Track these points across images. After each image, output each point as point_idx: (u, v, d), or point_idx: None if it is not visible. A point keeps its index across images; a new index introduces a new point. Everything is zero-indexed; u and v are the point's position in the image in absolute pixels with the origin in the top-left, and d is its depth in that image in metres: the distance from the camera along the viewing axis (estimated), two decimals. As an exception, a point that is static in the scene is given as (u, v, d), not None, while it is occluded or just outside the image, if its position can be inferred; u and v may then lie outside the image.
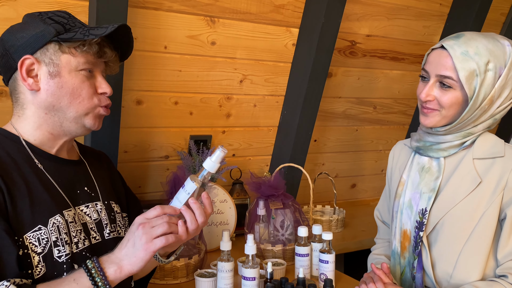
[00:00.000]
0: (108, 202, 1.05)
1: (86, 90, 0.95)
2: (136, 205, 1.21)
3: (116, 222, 1.05)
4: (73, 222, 0.93)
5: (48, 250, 0.87)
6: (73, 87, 0.94)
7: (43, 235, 0.87)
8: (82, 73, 0.95)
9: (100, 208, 1.02)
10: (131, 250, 0.84)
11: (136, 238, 0.84)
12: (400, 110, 2.25)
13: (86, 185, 1.02)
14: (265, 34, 1.71)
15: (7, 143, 0.93)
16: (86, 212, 0.99)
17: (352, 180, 2.32)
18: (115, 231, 1.03)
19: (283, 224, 1.52)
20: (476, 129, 1.10)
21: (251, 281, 1.11)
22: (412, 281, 1.17)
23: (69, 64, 0.93)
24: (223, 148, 0.91)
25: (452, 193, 1.10)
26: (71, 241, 0.91)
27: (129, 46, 1.04)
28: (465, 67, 1.03)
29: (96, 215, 1.00)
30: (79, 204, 0.98)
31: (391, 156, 1.32)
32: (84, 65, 0.94)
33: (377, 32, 1.95)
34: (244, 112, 1.82)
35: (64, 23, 0.95)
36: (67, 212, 0.93)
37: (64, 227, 0.90)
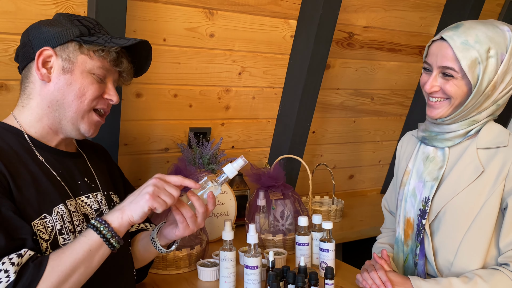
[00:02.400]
0: (107, 193, 1.08)
1: (92, 91, 0.97)
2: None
3: None
4: (75, 212, 0.95)
5: (54, 238, 0.89)
6: (81, 86, 0.96)
7: (48, 223, 0.89)
8: (94, 76, 0.97)
9: (100, 199, 1.04)
10: (136, 194, 0.88)
11: (147, 186, 0.88)
12: (397, 101, 2.27)
13: (86, 176, 1.04)
14: (264, 26, 1.71)
15: (8, 136, 0.95)
16: (87, 202, 1.01)
17: (350, 171, 2.34)
18: None
19: (283, 214, 1.53)
20: (480, 116, 1.11)
21: (253, 269, 1.12)
22: (414, 268, 1.18)
23: (84, 65, 0.96)
24: (245, 159, 0.98)
25: (455, 182, 1.11)
26: (74, 230, 0.93)
27: (146, 63, 1.08)
28: (467, 56, 1.04)
29: (96, 205, 1.02)
30: (80, 195, 1.00)
31: (399, 146, 1.33)
32: (98, 70, 0.98)
33: (374, 23, 1.96)
34: (243, 104, 1.83)
35: (90, 27, 0.99)
36: (69, 202, 0.95)
37: (68, 216, 0.93)
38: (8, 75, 1.35)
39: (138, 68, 1.08)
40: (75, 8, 1.37)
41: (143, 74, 1.10)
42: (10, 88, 1.37)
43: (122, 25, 1.37)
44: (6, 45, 1.31)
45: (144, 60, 1.08)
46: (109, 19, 1.34)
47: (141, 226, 1.19)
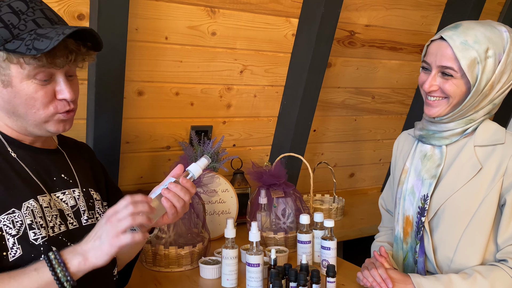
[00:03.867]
0: (87, 190, 1.03)
1: (40, 100, 0.88)
2: (117, 195, 1.15)
3: (94, 209, 1.03)
4: (48, 207, 0.92)
5: (23, 232, 0.86)
6: (26, 97, 0.88)
7: (17, 217, 0.86)
8: (35, 82, 0.87)
9: (78, 195, 1.00)
10: (98, 243, 0.82)
11: (103, 231, 0.82)
12: (398, 100, 2.27)
13: (63, 172, 1.00)
14: (265, 25, 1.71)
15: None
16: (62, 199, 0.97)
17: (351, 170, 2.34)
18: (94, 218, 1.02)
19: (284, 213, 1.54)
20: (477, 115, 1.12)
21: (255, 267, 1.13)
22: (414, 266, 1.19)
23: (20, 74, 0.86)
24: (208, 157, 0.95)
25: (453, 180, 1.12)
26: (46, 225, 0.90)
27: (97, 41, 0.92)
28: (466, 56, 1.05)
29: (73, 202, 0.98)
30: (55, 191, 0.96)
31: (396, 145, 1.34)
32: (37, 75, 0.87)
33: (375, 22, 1.96)
34: (244, 102, 1.83)
35: (13, 25, 0.85)
36: (42, 198, 0.92)
37: (39, 211, 0.89)
38: (11, 73, 1.35)
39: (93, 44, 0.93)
40: (77, 6, 1.38)
41: (100, 49, 0.95)
42: (12, 86, 1.37)
43: (125, 23, 1.37)
44: (8, 43, 1.31)
45: (90, 40, 0.92)
46: (111, 17, 1.34)
47: None
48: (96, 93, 1.42)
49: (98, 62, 1.38)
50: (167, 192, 0.89)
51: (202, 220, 1.39)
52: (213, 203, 1.60)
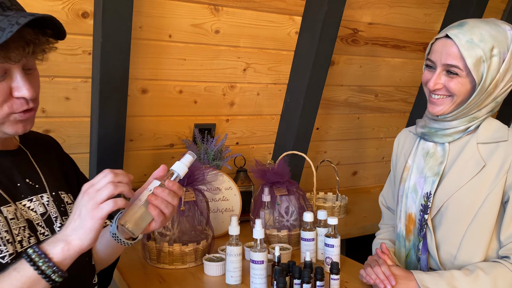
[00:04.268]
0: (56, 193, 0.93)
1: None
2: None
3: (67, 214, 0.93)
4: (14, 219, 0.82)
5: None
6: None
7: None
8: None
9: (47, 201, 0.90)
10: (78, 222, 0.74)
11: (82, 206, 0.74)
12: (401, 98, 2.27)
13: (28, 177, 0.89)
14: (268, 22, 1.72)
15: None
16: (30, 206, 0.87)
17: (354, 168, 2.35)
18: None
19: (287, 210, 1.54)
20: (480, 113, 1.12)
21: (260, 264, 1.13)
22: (417, 263, 1.19)
23: None
24: (193, 153, 0.87)
25: (456, 177, 1.12)
26: (13, 240, 0.80)
27: (60, 30, 0.82)
28: (472, 54, 1.05)
29: (42, 209, 0.88)
30: (21, 199, 0.86)
31: (396, 143, 1.34)
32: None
33: (379, 20, 1.96)
34: (247, 100, 1.84)
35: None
36: (6, 208, 0.82)
37: (4, 224, 0.79)
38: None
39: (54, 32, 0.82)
40: (81, 4, 1.38)
41: (63, 37, 0.84)
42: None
43: (129, 21, 1.38)
44: (13, 41, 1.32)
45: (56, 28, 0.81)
46: (116, 15, 1.35)
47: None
48: (100, 91, 1.43)
49: (102, 60, 1.38)
50: (154, 198, 0.81)
51: (206, 218, 1.40)
52: (217, 200, 1.60)
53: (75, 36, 1.40)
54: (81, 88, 1.49)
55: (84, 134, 1.57)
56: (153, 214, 0.81)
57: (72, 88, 1.47)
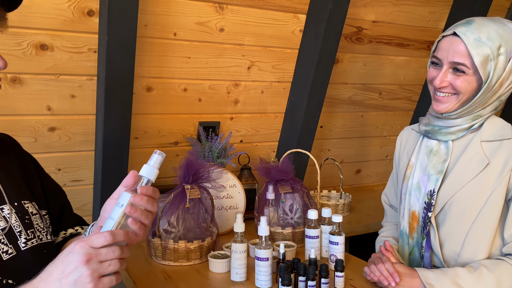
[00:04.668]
0: (18, 203, 0.82)
1: None
2: (58, 195, 0.98)
3: (33, 226, 0.83)
4: None
5: None
6: None
7: None
8: None
9: (9, 213, 0.79)
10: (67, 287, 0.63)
11: (80, 276, 0.63)
12: (405, 96, 2.27)
13: None
14: (273, 21, 1.72)
15: None
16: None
17: (357, 166, 2.35)
18: (35, 238, 0.82)
19: (292, 208, 1.55)
20: (485, 111, 1.13)
21: (265, 261, 1.14)
22: (420, 261, 1.20)
23: None
24: (161, 152, 0.78)
25: (460, 175, 1.13)
26: None
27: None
28: (480, 52, 1.05)
29: (3, 223, 0.78)
30: None
31: (399, 140, 1.34)
32: None
33: (383, 18, 1.96)
34: (251, 98, 1.84)
35: None
36: None
37: None
38: (21, 69, 1.37)
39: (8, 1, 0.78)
40: (87, 2, 1.39)
41: (17, 7, 0.80)
42: (23, 82, 1.39)
43: (134, 19, 1.39)
44: (19, 39, 1.33)
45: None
46: (121, 14, 1.35)
47: (69, 232, 0.96)
48: (106, 89, 1.44)
49: (108, 58, 1.39)
50: (134, 211, 0.72)
51: (211, 215, 1.40)
52: (221, 198, 1.61)
53: (81, 34, 1.41)
54: (87, 86, 1.50)
55: (89, 132, 1.58)
56: (134, 229, 0.72)
57: (77, 86, 1.48)
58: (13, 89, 1.38)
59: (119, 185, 0.77)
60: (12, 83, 1.37)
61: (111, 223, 0.72)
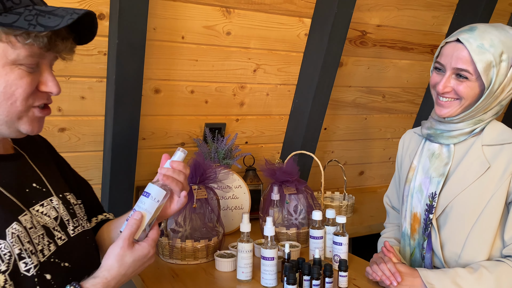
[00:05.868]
0: (62, 195, 0.91)
1: (23, 89, 0.75)
2: (87, 187, 1.08)
3: (76, 215, 0.92)
4: (32, 228, 0.79)
5: (13, 265, 0.74)
6: (6, 85, 0.74)
7: (4, 249, 0.73)
8: (21, 67, 0.74)
9: (57, 204, 0.88)
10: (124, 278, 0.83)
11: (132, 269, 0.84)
12: (408, 99, 2.30)
13: (34, 181, 0.86)
14: (279, 24, 1.75)
15: None
16: (43, 211, 0.84)
17: (360, 168, 2.37)
18: (79, 226, 0.91)
19: (296, 209, 1.57)
20: (486, 116, 1.15)
21: (270, 261, 1.17)
22: (421, 261, 1.22)
23: (4, 56, 0.73)
24: (183, 149, 0.92)
25: (461, 178, 1.15)
26: (36, 250, 0.78)
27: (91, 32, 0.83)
28: (483, 59, 1.08)
29: (55, 213, 0.86)
30: (33, 205, 0.83)
31: (401, 143, 1.37)
32: (26, 60, 0.74)
33: (387, 22, 1.98)
34: (257, 100, 1.87)
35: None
36: (23, 218, 0.78)
37: (25, 235, 0.77)
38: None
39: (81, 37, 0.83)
40: (98, 6, 1.42)
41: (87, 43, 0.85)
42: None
43: (144, 23, 1.42)
44: (32, 42, 1.36)
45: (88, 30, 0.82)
46: (131, 17, 1.38)
47: (100, 218, 1.08)
48: (115, 90, 1.47)
49: (118, 60, 1.42)
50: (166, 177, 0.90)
51: (217, 215, 1.43)
52: (227, 198, 1.64)
53: (92, 37, 1.44)
54: (96, 87, 1.53)
55: (98, 133, 1.61)
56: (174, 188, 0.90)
57: (87, 87, 1.52)
58: (25, 91, 1.41)
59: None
60: (24, 85, 1.41)
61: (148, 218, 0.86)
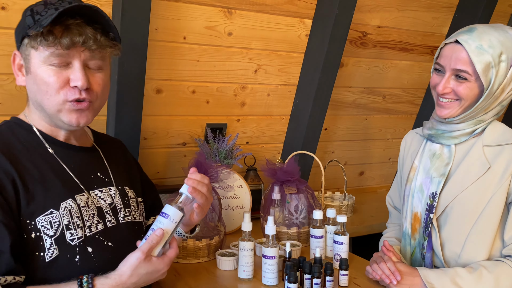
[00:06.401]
0: (122, 187, 1.07)
1: (52, 85, 0.89)
2: (152, 191, 1.26)
3: (130, 206, 1.07)
4: (85, 206, 0.95)
5: (60, 233, 0.88)
6: (41, 82, 0.89)
7: (55, 218, 0.89)
8: (50, 67, 0.89)
9: (114, 193, 1.04)
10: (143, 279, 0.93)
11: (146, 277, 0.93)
12: (408, 100, 2.31)
13: (99, 171, 1.03)
14: (280, 25, 1.76)
15: (20, 131, 0.95)
16: (100, 196, 1.00)
17: (360, 168, 2.38)
18: (130, 215, 1.05)
19: (297, 208, 1.58)
20: (487, 116, 1.16)
21: (271, 259, 1.18)
22: (422, 261, 1.23)
23: (37, 59, 0.89)
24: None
25: (462, 178, 1.16)
26: (83, 225, 0.92)
27: (105, 24, 0.93)
28: (481, 60, 1.09)
29: (110, 200, 1.02)
30: (93, 189, 0.99)
31: (403, 144, 1.38)
32: (51, 59, 0.88)
33: (387, 23, 2.00)
34: (258, 101, 1.88)
35: (38, 12, 0.88)
36: (79, 197, 0.95)
37: (76, 211, 0.92)
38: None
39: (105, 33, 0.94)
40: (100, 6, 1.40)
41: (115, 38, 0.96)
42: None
43: (146, 23, 1.43)
44: (35, 42, 1.37)
45: (102, 24, 0.92)
46: (134, 18, 1.39)
47: (151, 220, 1.21)
48: (117, 91, 1.48)
49: (120, 60, 1.43)
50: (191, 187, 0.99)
51: (218, 214, 1.44)
52: (228, 198, 1.65)
53: (94, 38, 1.45)
54: (99, 87, 1.53)
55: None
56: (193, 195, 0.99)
57: (90, 87, 1.52)
58: (28, 90, 1.42)
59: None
60: (27, 85, 1.42)
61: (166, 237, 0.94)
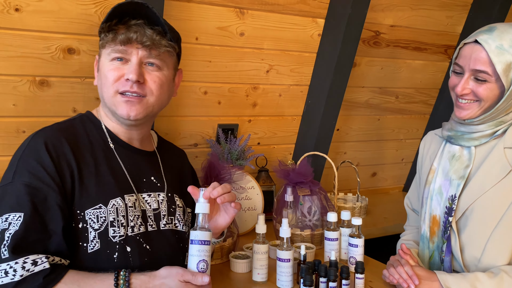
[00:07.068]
0: (171, 195, 1.10)
1: (109, 78, 0.99)
2: None
3: (175, 215, 1.09)
4: (132, 207, 0.99)
5: (104, 228, 0.93)
6: (103, 77, 1.01)
7: (102, 214, 0.94)
8: (112, 62, 1.00)
9: (162, 199, 1.07)
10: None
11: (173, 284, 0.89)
12: (421, 100, 2.28)
13: (153, 175, 1.08)
14: (292, 25, 1.74)
15: (89, 125, 1.05)
16: (147, 200, 1.04)
17: (373, 169, 2.36)
18: (172, 224, 1.07)
19: (310, 210, 1.56)
20: (508, 117, 1.13)
21: (286, 262, 1.16)
22: (440, 265, 1.21)
23: (103, 56, 1.02)
24: (204, 188, 0.98)
25: (482, 181, 1.13)
26: (127, 224, 0.97)
27: (156, 22, 1.01)
28: (502, 60, 1.06)
29: (156, 205, 1.05)
30: (143, 192, 1.04)
31: (422, 145, 1.36)
32: (111, 55, 1.00)
33: (401, 22, 1.97)
34: (269, 101, 1.87)
35: (109, 14, 1.00)
36: (129, 197, 0.99)
37: (123, 210, 0.97)
38: (50, 72, 1.41)
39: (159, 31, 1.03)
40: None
41: (173, 35, 1.06)
42: (51, 84, 1.43)
43: (159, 25, 1.42)
44: (48, 43, 1.37)
45: (155, 22, 1.01)
46: (146, 19, 1.39)
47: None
48: (130, 91, 1.47)
49: (132, 62, 1.42)
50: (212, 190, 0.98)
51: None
52: (240, 199, 1.64)
53: (107, 39, 1.45)
54: (111, 88, 1.53)
55: (112, 133, 1.62)
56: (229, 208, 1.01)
57: (102, 88, 1.52)
58: (41, 92, 1.42)
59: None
60: (40, 86, 1.41)
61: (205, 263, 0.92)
